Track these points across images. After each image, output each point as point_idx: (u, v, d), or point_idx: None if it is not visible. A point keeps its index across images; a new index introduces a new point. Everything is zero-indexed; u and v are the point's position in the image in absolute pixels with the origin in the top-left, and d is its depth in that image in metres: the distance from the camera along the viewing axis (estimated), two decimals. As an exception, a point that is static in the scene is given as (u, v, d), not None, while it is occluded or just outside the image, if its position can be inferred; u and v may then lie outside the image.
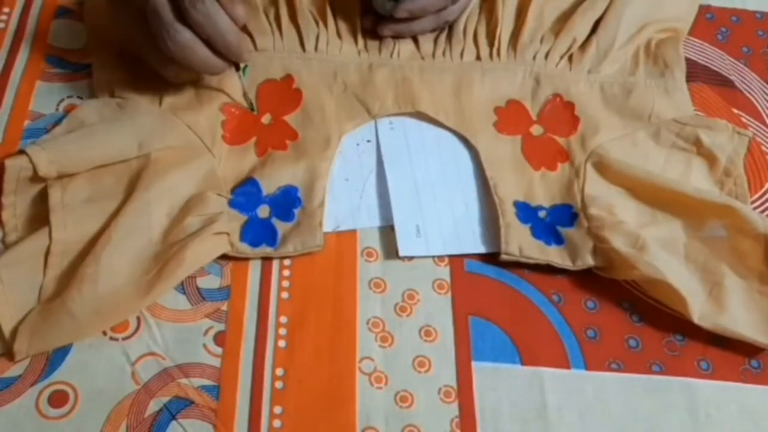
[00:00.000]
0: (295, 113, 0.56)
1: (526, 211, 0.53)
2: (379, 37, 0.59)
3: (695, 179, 0.56)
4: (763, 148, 0.59)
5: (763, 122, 0.61)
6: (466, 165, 0.55)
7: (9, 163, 0.48)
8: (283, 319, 0.48)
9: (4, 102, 0.54)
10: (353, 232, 0.52)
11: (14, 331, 0.44)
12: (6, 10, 0.59)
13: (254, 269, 0.50)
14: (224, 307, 0.48)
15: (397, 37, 0.59)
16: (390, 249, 0.51)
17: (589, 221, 0.52)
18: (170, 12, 0.47)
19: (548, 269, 0.51)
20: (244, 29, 0.55)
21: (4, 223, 0.48)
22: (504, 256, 0.51)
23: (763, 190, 0.57)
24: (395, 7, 0.56)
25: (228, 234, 0.49)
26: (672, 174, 0.55)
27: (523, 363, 0.48)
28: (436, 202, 0.53)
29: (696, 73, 0.62)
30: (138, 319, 0.47)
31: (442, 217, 0.53)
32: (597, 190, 0.54)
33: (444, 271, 0.51)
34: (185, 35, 0.47)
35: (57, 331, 0.45)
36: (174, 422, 0.44)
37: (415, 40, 0.60)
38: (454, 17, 0.59)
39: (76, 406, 0.44)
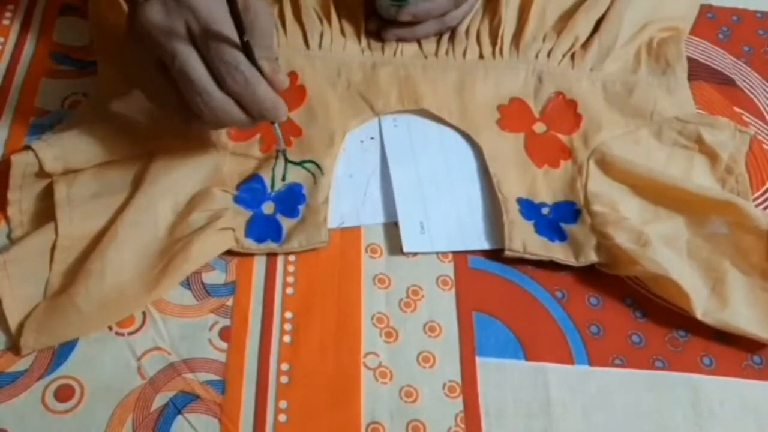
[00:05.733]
0: (299, 110, 0.56)
1: (529, 208, 0.53)
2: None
3: (697, 177, 0.56)
4: (765, 146, 0.59)
5: (764, 120, 0.61)
6: (469, 162, 0.55)
7: (15, 158, 0.49)
8: (288, 315, 0.48)
9: (10, 98, 0.54)
10: (357, 228, 0.52)
11: (20, 326, 0.45)
12: (11, 7, 0.59)
13: (259, 265, 0.50)
14: (229, 303, 0.48)
15: (401, 41, 0.59)
16: (394, 245, 0.51)
17: (593, 218, 0.52)
18: (204, 75, 0.43)
19: (552, 265, 0.51)
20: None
21: (10, 219, 0.48)
22: (508, 253, 0.51)
23: (764, 187, 0.57)
24: (399, 10, 0.56)
25: (233, 230, 0.49)
26: (674, 171, 0.56)
27: (526, 358, 0.48)
28: (440, 199, 0.53)
29: (697, 71, 0.63)
30: (144, 314, 0.47)
31: (446, 213, 0.53)
32: (600, 187, 0.54)
33: (448, 268, 0.51)
34: (220, 101, 0.44)
35: (63, 326, 0.45)
36: (180, 417, 0.44)
37: (418, 40, 0.60)
38: (456, 22, 0.60)
39: (82, 401, 0.44)
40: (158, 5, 0.44)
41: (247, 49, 0.43)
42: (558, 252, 0.51)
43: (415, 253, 0.51)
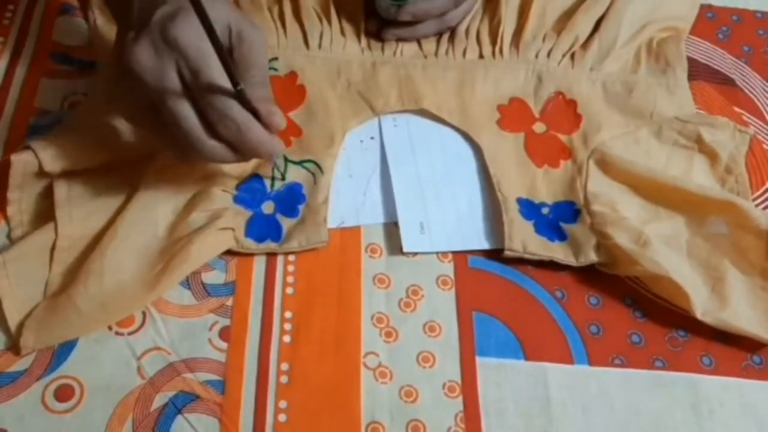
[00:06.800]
0: (299, 110, 0.56)
1: (529, 208, 0.53)
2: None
3: (697, 176, 0.56)
4: (764, 146, 0.59)
5: (764, 120, 0.61)
6: (469, 162, 0.55)
7: (15, 158, 0.48)
8: (287, 315, 0.48)
9: (9, 98, 0.54)
10: (357, 228, 0.52)
11: (20, 326, 0.44)
12: (11, 7, 0.59)
13: (259, 265, 0.50)
14: (229, 303, 0.48)
15: (400, 41, 0.59)
16: (393, 245, 0.51)
17: (592, 218, 0.52)
18: (195, 125, 0.42)
19: (551, 265, 0.51)
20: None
21: (9, 219, 0.48)
22: (507, 253, 0.51)
23: (764, 187, 0.57)
24: (398, 10, 0.56)
25: (233, 230, 0.49)
26: (674, 171, 0.56)
27: (526, 358, 0.48)
28: (440, 198, 0.53)
29: (697, 71, 0.63)
30: (143, 314, 0.47)
31: (445, 213, 0.53)
32: (599, 187, 0.54)
33: (448, 267, 0.51)
34: (211, 148, 0.43)
35: (63, 326, 0.45)
36: (179, 417, 0.44)
37: (418, 40, 0.60)
38: (456, 22, 0.60)
39: (81, 401, 0.44)
40: (147, 45, 0.41)
41: (240, 96, 0.42)
42: (558, 252, 0.51)
43: (415, 253, 0.51)
